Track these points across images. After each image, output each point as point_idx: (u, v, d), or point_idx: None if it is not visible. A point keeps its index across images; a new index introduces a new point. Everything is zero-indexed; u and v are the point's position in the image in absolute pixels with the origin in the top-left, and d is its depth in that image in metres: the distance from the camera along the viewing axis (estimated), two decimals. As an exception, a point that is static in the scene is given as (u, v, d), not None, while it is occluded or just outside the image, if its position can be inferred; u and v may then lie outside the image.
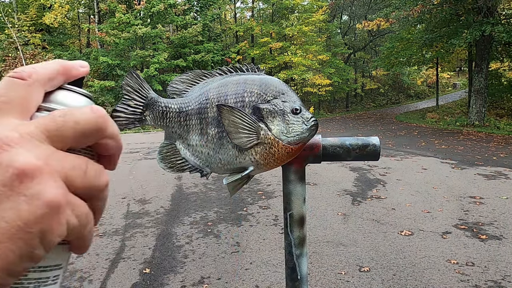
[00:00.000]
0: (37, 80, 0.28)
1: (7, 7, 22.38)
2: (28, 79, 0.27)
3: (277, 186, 5.64)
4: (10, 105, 0.26)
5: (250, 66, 0.67)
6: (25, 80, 0.27)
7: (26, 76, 0.27)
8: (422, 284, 2.78)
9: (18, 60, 18.59)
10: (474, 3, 13.16)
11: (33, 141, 0.25)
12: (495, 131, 12.86)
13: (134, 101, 0.65)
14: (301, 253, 0.70)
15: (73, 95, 0.30)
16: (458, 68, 37.35)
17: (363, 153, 0.71)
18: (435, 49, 18.57)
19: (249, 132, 0.61)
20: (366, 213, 4.35)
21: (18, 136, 0.24)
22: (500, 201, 4.71)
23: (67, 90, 0.30)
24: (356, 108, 29.03)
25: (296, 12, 26.08)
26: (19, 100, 0.27)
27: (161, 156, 0.67)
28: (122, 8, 19.59)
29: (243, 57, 24.47)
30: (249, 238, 3.72)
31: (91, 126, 0.27)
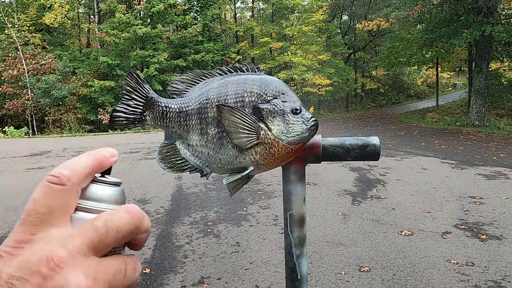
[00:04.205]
0: (76, 183, 0.29)
1: (7, 7, 22.37)
2: (68, 183, 0.28)
3: (277, 186, 5.64)
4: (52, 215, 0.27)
5: (250, 66, 0.67)
6: (64, 185, 0.28)
7: (65, 181, 0.28)
8: (422, 284, 2.78)
9: (18, 60, 18.58)
10: (474, 3, 13.15)
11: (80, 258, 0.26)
12: (495, 131, 12.86)
13: (134, 101, 0.65)
14: (301, 253, 0.70)
15: (105, 188, 0.32)
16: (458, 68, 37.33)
17: (363, 153, 0.71)
18: (435, 49, 18.58)
19: (249, 132, 0.61)
20: (366, 213, 4.35)
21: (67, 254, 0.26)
22: (500, 201, 4.71)
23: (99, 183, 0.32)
24: (356, 108, 29.03)
25: (296, 12, 26.09)
26: (60, 208, 0.28)
27: (161, 156, 0.67)
28: (122, 8, 19.58)
29: (243, 57, 24.47)
30: (249, 238, 3.72)
31: (130, 230, 0.29)
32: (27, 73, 18.36)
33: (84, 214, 0.30)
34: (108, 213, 0.29)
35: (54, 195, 0.28)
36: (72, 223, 0.29)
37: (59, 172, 0.28)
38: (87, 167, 0.30)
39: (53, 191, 0.28)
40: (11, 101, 18.09)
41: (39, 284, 0.25)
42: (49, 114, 18.63)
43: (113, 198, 0.32)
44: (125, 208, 0.30)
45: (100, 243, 0.28)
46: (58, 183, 0.28)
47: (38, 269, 0.25)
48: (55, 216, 0.27)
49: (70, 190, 0.28)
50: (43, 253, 0.26)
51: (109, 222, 0.28)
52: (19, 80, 18.20)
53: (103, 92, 19.23)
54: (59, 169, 0.29)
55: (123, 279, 0.29)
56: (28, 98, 18.21)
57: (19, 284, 0.24)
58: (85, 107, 19.40)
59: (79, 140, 13.77)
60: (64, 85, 18.32)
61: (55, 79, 17.94)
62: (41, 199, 0.27)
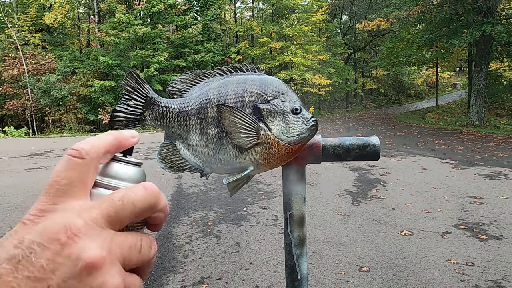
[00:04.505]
0: (94, 157, 0.30)
1: (7, 7, 22.37)
2: (86, 157, 0.30)
3: (277, 186, 5.64)
4: (71, 186, 0.29)
5: (250, 66, 0.67)
6: (83, 159, 0.29)
7: (84, 154, 0.30)
8: (422, 284, 2.78)
9: (18, 60, 18.58)
10: (474, 3, 13.16)
11: (96, 229, 0.28)
12: (495, 131, 12.86)
13: (134, 101, 0.65)
14: (301, 253, 0.70)
15: (126, 167, 0.33)
16: (458, 68, 37.35)
17: (363, 153, 0.71)
18: (435, 49, 18.59)
19: (249, 132, 0.61)
20: (366, 213, 4.35)
21: (84, 224, 0.27)
22: (500, 201, 4.71)
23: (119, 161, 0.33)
24: (356, 108, 29.03)
25: (296, 12, 26.10)
26: (79, 180, 0.29)
27: (161, 156, 0.67)
28: (122, 8, 19.58)
29: (243, 57, 24.47)
30: (249, 238, 3.72)
31: (146, 205, 0.30)
32: (27, 73, 18.36)
33: (103, 190, 0.31)
34: (126, 188, 0.30)
35: (74, 168, 0.29)
36: (92, 197, 0.30)
37: (79, 145, 0.30)
38: (106, 144, 0.31)
39: (73, 164, 0.29)
40: (11, 101, 18.10)
41: (57, 251, 0.26)
42: (49, 114, 18.63)
43: (133, 177, 0.33)
44: (142, 184, 0.31)
45: (116, 216, 0.28)
46: (78, 156, 0.29)
47: (56, 237, 0.26)
48: (75, 188, 0.29)
49: (89, 164, 0.30)
50: (62, 222, 0.27)
51: (126, 196, 0.29)
52: (19, 80, 18.20)
53: (103, 92, 19.23)
54: (80, 143, 0.30)
55: (137, 254, 0.30)
56: (28, 98, 18.21)
57: (38, 249, 0.26)
58: (85, 107, 19.40)
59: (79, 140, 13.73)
60: (64, 85, 18.32)
61: (55, 79, 17.94)
62: (62, 171, 0.29)
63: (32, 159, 9.04)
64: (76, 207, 0.28)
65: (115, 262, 0.28)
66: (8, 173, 7.20)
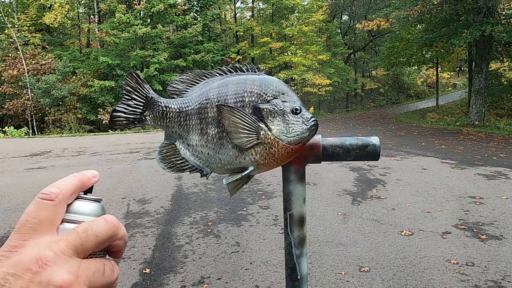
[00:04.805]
0: (62, 198, 0.34)
1: (7, 7, 22.38)
2: (56, 199, 0.34)
3: (277, 186, 5.64)
4: (41, 224, 0.32)
5: (250, 66, 0.67)
6: (53, 201, 0.33)
7: (54, 197, 0.33)
8: (422, 284, 2.78)
9: (18, 60, 18.58)
10: (474, 3, 13.15)
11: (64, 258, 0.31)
12: (495, 131, 12.86)
13: (134, 101, 0.65)
14: (301, 253, 0.70)
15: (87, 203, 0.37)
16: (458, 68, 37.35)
17: (363, 153, 0.71)
18: (435, 49, 18.59)
19: (249, 132, 0.61)
20: (366, 213, 4.35)
21: (53, 255, 0.31)
22: (500, 201, 4.71)
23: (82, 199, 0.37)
24: (356, 108, 29.03)
25: (296, 12, 26.10)
26: (48, 219, 0.33)
27: (161, 156, 0.67)
28: (122, 8, 19.58)
29: (243, 57, 24.47)
30: (249, 238, 3.72)
31: (107, 236, 0.34)
32: (27, 73, 18.36)
33: (68, 224, 0.35)
34: (88, 222, 0.34)
35: (44, 209, 0.33)
36: (58, 232, 0.34)
37: (49, 190, 0.34)
38: (72, 186, 0.35)
39: (43, 206, 0.33)
40: (11, 101, 18.10)
41: (29, 279, 0.29)
42: (49, 114, 18.63)
43: (94, 212, 0.37)
44: (103, 217, 0.35)
45: (81, 246, 0.32)
46: (48, 199, 0.33)
47: (29, 267, 0.30)
48: (44, 226, 0.32)
49: (58, 205, 0.33)
50: (34, 254, 0.30)
51: (89, 228, 0.33)
52: (19, 80, 18.20)
53: (103, 92, 19.23)
54: (49, 188, 0.34)
55: (102, 277, 0.33)
56: (28, 98, 18.21)
57: (12, 279, 0.29)
58: (85, 107, 19.40)
59: (79, 140, 13.78)
60: (64, 85, 18.32)
61: (55, 79, 17.94)
62: (33, 212, 0.33)
63: (32, 159, 9.04)
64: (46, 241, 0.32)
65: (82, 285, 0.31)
66: (8, 173, 7.20)
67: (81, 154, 9.62)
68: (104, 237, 0.34)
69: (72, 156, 9.29)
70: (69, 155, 9.50)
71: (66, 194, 0.34)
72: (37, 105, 18.34)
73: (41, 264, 0.30)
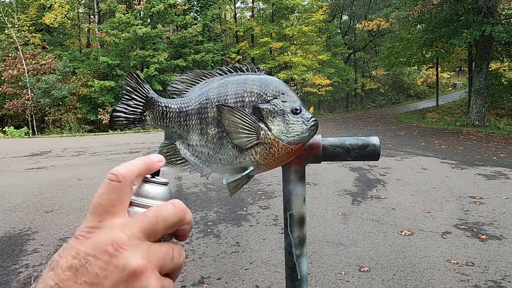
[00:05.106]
0: (129, 180, 0.36)
1: (7, 7, 22.38)
2: (123, 180, 0.35)
3: (277, 186, 5.64)
4: (112, 206, 0.34)
5: (250, 66, 0.67)
6: (120, 182, 0.35)
7: (121, 178, 0.35)
8: (422, 284, 2.78)
9: (18, 60, 18.58)
10: (474, 3, 13.16)
11: (137, 242, 0.33)
12: (495, 131, 12.86)
13: (134, 101, 0.65)
14: (301, 253, 0.70)
15: (154, 187, 0.38)
16: (458, 68, 37.35)
17: (363, 153, 0.71)
18: (435, 49, 18.59)
19: (249, 132, 0.61)
20: (366, 213, 4.35)
21: (127, 238, 0.33)
22: (500, 201, 4.71)
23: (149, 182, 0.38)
24: (356, 108, 29.04)
25: (296, 12, 26.10)
26: (118, 200, 0.35)
27: (161, 156, 0.66)
28: (122, 8, 19.58)
29: (243, 57, 24.47)
30: (249, 238, 3.72)
31: (176, 220, 0.36)
32: (27, 73, 18.36)
33: (137, 208, 0.36)
34: (158, 206, 0.36)
35: (113, 190, 0.34)
36: (129, 215, 0.35)
37: (116, 171, 0.35)
38: (138, 168, 0.37)
39: (112, 187, 0.34)
40: (11, 101, 18.10)
41: (107, 260, 0.31)
42: (49, 114, 18.63)
43: (161, 195, 0.38)
44: (171, 202, 0.36)
45: (151, 230, 0.34)
46: (115, 180, 0.35)
47: (106, 249, 0.31)
48: (115, 207, 0.34)
49: (125, 186, 0.35)
50: (109, 236, 0.32)
51: (158, 213, 0.35)
52: (19, 80, 18.20)
53: (103, 92, 19.23)
54: (117, 169, 0.35)
55: (170, 261, 0.35)
56: (28, 98, 18.21)
57: (92, 260, 0.31)
58: (85, 107, 19.40)
59: (79, 140, 13.78)
60: (64, 85, 18.32)
61: (55, 79, 17.94)
62: (104, 193, 0.34)
63: (32, 159, 9.04)
64: (119, 224, 0.33)
65: (154, 269, 0.33)
66: (8, 173, 7.20)
67: (81, 154, 9.62)
68: (172, 221, 0.35)
69: (72, 156, 9.29)
70: (69, 155, 9.49)
71: (132, 176, 0.36)
72: (37, 105, 18.34)
73: (117, 246, 0.31)
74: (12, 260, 3.28)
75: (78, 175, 6.74)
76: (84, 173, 6.87)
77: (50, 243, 3.63)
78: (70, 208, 4.74)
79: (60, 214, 4.51)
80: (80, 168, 7.43)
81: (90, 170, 7.23)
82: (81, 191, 5.56)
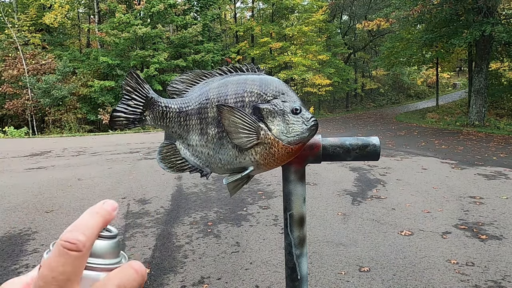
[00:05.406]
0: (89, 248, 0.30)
1: (7, 7, 22.37)
2: (83, 249, 0.29)
3: (277, 186, 5.64)
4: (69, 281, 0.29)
5: (250, 66, 0.67)
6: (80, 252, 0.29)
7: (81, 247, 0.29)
8: (422, 284, 2.78)
9: (18, 60, 18.58)
10: (474, 3, 13.15)
11: None
12: (495, 131, 12.86)
13: (134, 101, 0.65)
14: (301, 253, 0.70)
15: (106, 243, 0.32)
16: (458, 68, 37.35)
17: (363, 153, 0.71)
18: (435, 49, 18.59)
19: (249, 132, 0.61)
20: (366, 213, 4.35)
21: None
22: (500, 201, 4.71)
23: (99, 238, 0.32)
24: (356, 108, 29.04)
25: (296, 12, 26.09)
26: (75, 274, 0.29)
27: (161, 156, 0.67)
28: (122, 8, 19.58)
29: (243, 57, 24.47)
30: (249, 238, 3.72)
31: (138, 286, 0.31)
32: (27, 73, 18.36)
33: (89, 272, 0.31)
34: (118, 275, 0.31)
35: (71, 262, 0.29)
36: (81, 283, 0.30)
37: (75, 238, 0.29)
38: (97, 229, 0.31)
39: (70, 258, 0.29)
40: (11, 101, 18.09)
41: None
42: (49, 114, 18.63)
43: (113, 252, 0.33)
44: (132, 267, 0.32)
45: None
46: (76, 250, 0.29)
47: None
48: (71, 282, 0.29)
49: (85, 255, 0.30)
50: None
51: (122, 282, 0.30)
52: (19, 80, 18.20)
53: (103, 92, 19.22)
54: (74, 234, 0.29)
55: None
56: (28, 98, 18.20)
57: None
58: (85, 107, 19.40)
59: (79, 140, 13.78)
60: (64, 85, 18.31)
61: (55, 79, 17.94)
62: (59, 267, 0.28)
63: (32, 159, 9.04)
64: None
65: None
66: (8, 173, 7.20)
67: (81, 154, 9.62)
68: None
69: (72, 156, 9.29)
70: (69, 155, 9.49)
71: (92, 241, 0.31)
72: (37, 105, 18.33)
73: None
74: (12, 260, 3.28)
75: (78, 175, 6.74)
76: (84, 173, 6.87)
77: (50, 243, 3.63)
78: (70, 208, 4.74)
79: (60, 214, 4.51)
80: (80, 168, 7.43)
81: (90, 170, 7.22)
82: (81, 191, 5.56)
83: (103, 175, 6.66)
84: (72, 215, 4.44)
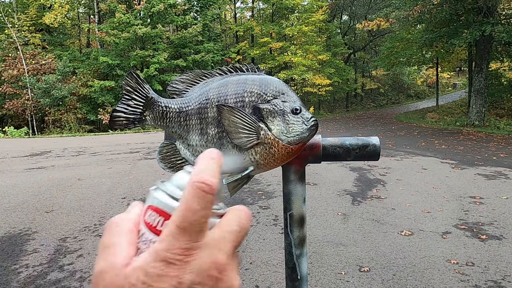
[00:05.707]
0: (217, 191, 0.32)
1: (7, 7, 22.37)
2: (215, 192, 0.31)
3: (277, 186, 5.64)
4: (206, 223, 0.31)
5: (250, 66, 0.67)
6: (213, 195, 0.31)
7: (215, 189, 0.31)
8: (422, 284, 2.78)
9: (18, 60, 18.58)
10: (474, 3, 13.15)
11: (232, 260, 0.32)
12: (495, 131, 12.86)
13: (134, 101, 0.65)
14: (301, 253, 0.70)
15: None
16: (458, 68, 37.34)
17: (363, 153, 0.71)
18: (435, 49, 18.58)
19: (249, 132, 0.61)
20: (366, 213, 4.35)
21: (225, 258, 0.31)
22: (500, 201, 4.71)
23: None
24: (356, 108, 29.04)
25: (296, 12, 26.09)
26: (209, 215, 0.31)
27: (161, 156, 0.67)
28: (122, 8, 19.58)
29: (243, 57, 24.47)
30: (249, 238, 3.72)
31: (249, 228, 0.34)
32: (27, 73, 18.36)
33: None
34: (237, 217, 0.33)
35: (207, 206, 0.30)
36: None
37: (210, 180, 0.31)
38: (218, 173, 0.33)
39: (206, 201, 0.30)
40: (11, 101, 18.10)
41: (213, 286, 0.30)
42: (49, 114, 18.63)
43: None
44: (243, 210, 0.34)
45: (239, 243, 0.33)
46: (211, 192, 0.30)
47: (210, 273, 0.29)
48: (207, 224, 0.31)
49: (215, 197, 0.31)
50: (210, 258, 0.30)
51: (242, 226, 0.33)
52: (19, 80, 18.20)
53: (103, 92, 19.23)
54: (209, 178, 0.31)
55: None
56: (28, 98, 18.21)
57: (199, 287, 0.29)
58: (85, 107, 19.40)
59: (79, 140, 13.78)
60: (64, 85, 18.32)
61: (55, 79, 17.94)
62: (200, 209, 0.30)
63: (32, 159, 9.04)
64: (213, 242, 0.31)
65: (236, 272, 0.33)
66: (8, 173, 7.20)
67: (81, 154, 9.62)
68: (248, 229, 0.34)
69: (72, 156, 9.29)
70: (69, 155, 9.49)
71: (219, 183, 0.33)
72: (37, 105, 18.34)
73: (220, 269, 0.30)
74: (12, 260, 3.28)
75: (78, 175, 6.74)
76: (84, 173, 6.87)
77: (50, 243, 3.63)
78: (70, 208, 4.74)
79: (60, 214, 4.51)
80: (80, 168, 7.43)
81: (90, 170, 7.22)
82: (81, 191, 5.55)
83: (103, 175, 6.66)
84: (72, 215, 4.44)
